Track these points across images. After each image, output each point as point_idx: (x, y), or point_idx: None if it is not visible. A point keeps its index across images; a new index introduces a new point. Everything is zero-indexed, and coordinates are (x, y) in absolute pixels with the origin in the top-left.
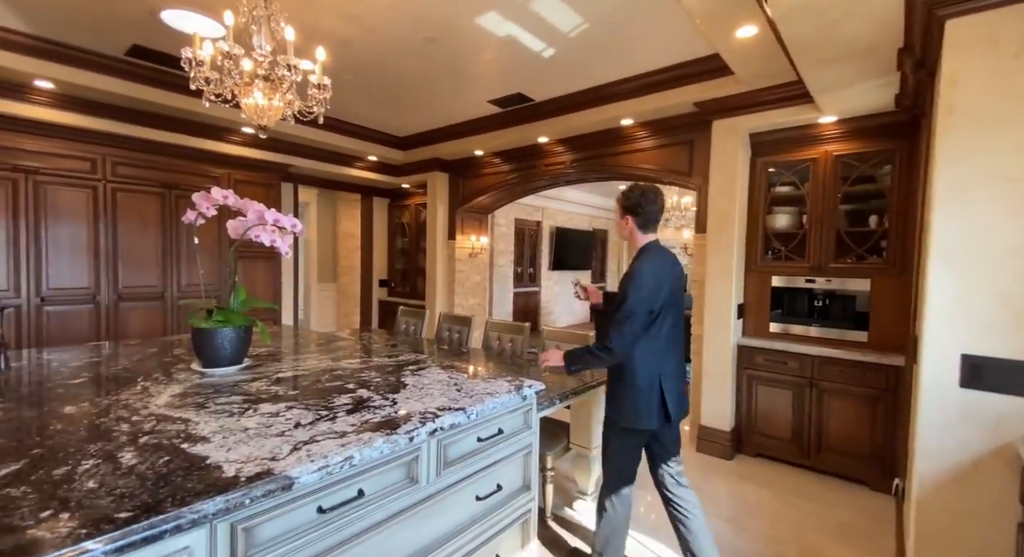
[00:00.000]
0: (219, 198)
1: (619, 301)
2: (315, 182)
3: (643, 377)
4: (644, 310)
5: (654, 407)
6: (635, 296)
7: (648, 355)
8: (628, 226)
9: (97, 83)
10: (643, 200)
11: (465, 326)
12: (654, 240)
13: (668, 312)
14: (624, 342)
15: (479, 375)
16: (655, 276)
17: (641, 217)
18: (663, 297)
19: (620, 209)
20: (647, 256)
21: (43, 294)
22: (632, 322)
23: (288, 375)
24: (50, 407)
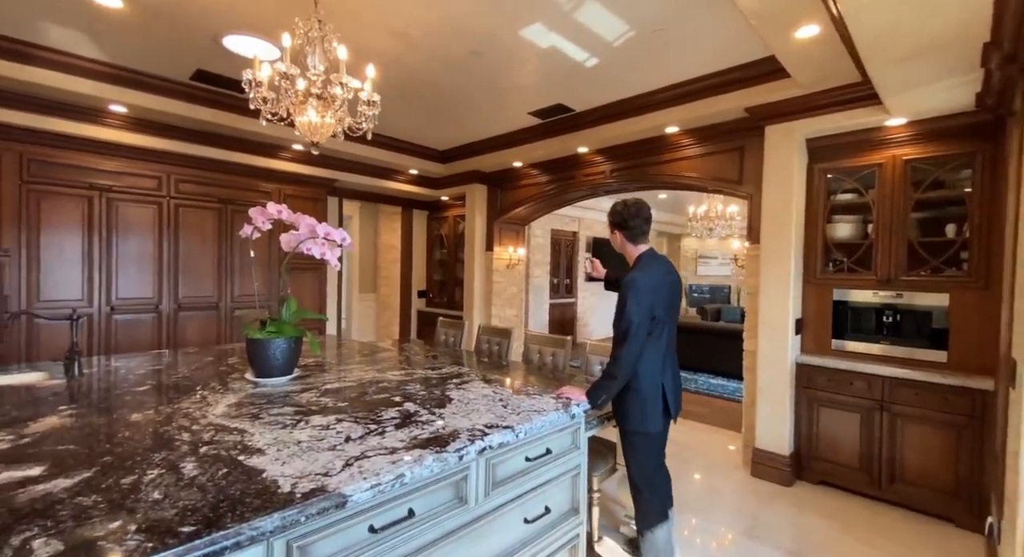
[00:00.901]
0: (274, 212)
1: (619, 312)
2: (358, 196)
3: (647, 382)
4: (645, 319)
5: (659, 409)
6: (635, 307)
7: (651, 361)
8: (619, 240)
9: (164, 106)
10: (627, 214)
11: (505, 338)
12: (648, 249)
13: (667, 319)
14: (632, 353)
15: (523, 391)
16: (651, 285)
17: (628, 230)
18: (663, 303)
19: (609, 225)
20: (642, 266)
21: (113, 304)
22: (636, 333)
23: (336, 386)
24: (118, 414)
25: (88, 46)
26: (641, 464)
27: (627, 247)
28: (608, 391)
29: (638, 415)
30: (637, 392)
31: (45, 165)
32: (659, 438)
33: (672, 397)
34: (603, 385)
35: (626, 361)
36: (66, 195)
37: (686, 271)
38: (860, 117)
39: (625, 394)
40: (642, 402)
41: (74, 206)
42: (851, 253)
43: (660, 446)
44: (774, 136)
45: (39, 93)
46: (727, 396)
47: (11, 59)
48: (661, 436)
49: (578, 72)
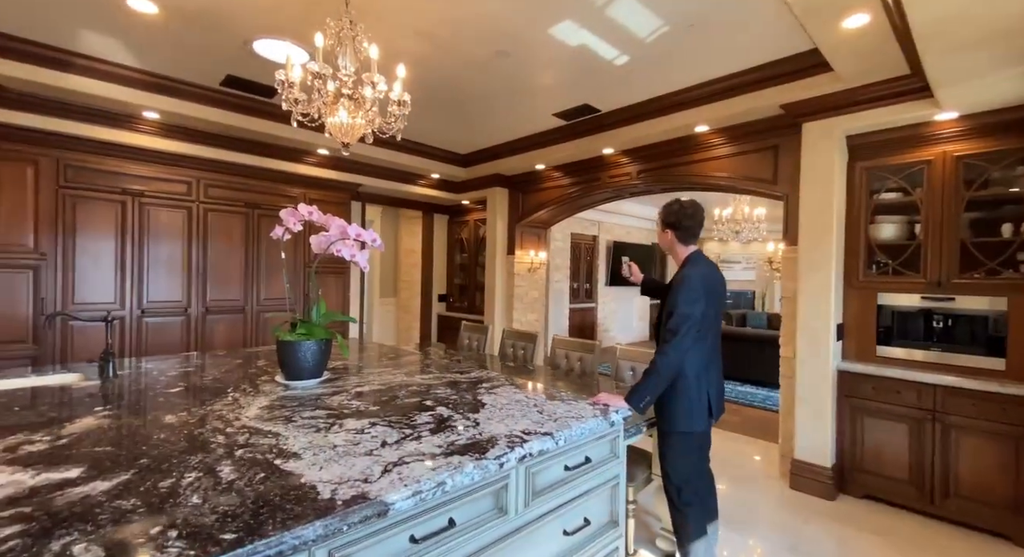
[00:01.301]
0: (305, 214)
1: (672, 307)
2: (381, 200)
3: (693, 381)
4: (699, 313)
5: (703, 409)
6: (689, 303)
7: (696, 361)
8: (668, 239)
9: (195, 112)
10: (683, 214)
11: (530, 343)
12: (697, 250)
13: (714, 320)
14: (680, 349)
15: (556, 396)
16: (706, 282)
17: (682, 230)
18: (712, 304)
19: (661, 223)
20: (696, 263)
21: (143, 306)
22: (689, 326)
23: (367, 389)
24: (153, 416)
25: (123, 53)
26: (681, 466)
27: (676, 247)
28: (652, 390)
29: (682, 415)
30: (682, 392)
31: (81, 170)
32: (702, 438)
33: (716, 397)
34: (647, 384)
35: (673, 357)
36: (100, 200)
37: None
38: (907, 112)
39: (669, 394)
40: (687, 402)
41: (108, 211)
42: (896, 255)
43: (703, 447)
44: (812, 133)
45: (76, 100)
46: (758, 404)
47: (51, 66)
48: (704, 436)
49: (606, 71)
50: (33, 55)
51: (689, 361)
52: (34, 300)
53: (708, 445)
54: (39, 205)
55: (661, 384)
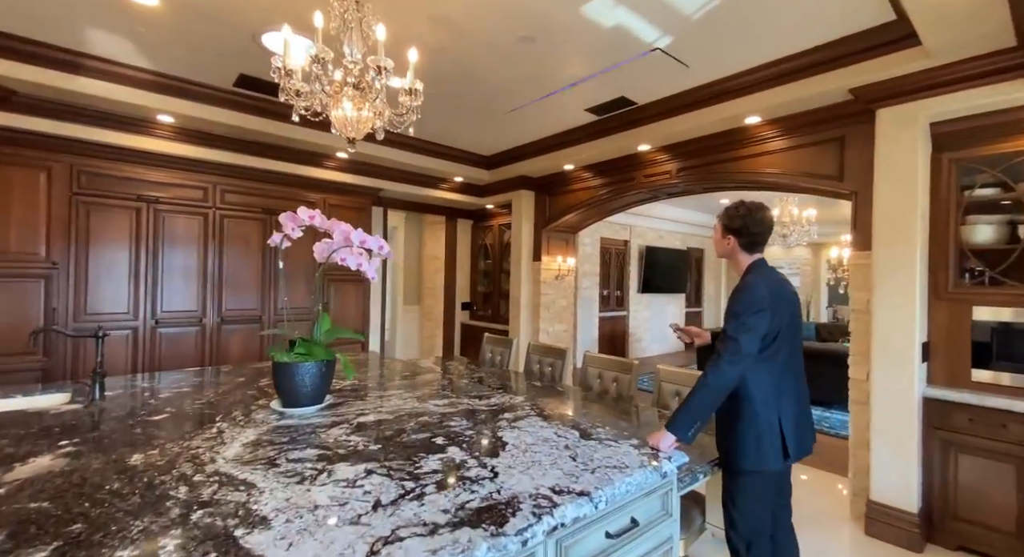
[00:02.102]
0: (305, 218)
1: (729, 316)
2: (403, 205)
3: (761, 407)
4: (761, 324)
5: (776, 443)
6: (751, 307)
7: (764, 382)
8: (730, 246)
9: (209, 115)
10: (749, 221)
11: (559, 359)
12: (762, 258)
13: (787, 336)
14: (738, 360)
15: (592, 433)
16: (772, 291)
17: (747, 237)
18: (782, 317)
19: (721, 228)
20: (760, 269)
21: (157, 317)
22: (747, 337)
23: (371, 419)
24: (119, 454)
25: (131, 53)
26: (751, 514)
27: (738, 255)
28: (701, 411)
29: (749, 449)
30: (746, 420)
31: (95, 177)
32: (777, 480)
33: (792, 429)
34: (694, 403)
35: (728, 370)
36: (115, 207)
37: None
38: (1010, 92)
39: (731, 421)
40: (754, 432)
41: (122, 217)
42: (996, 262)
43: (775, 490)
44: (889, 121)
45: (88, 104)
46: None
47: (60, 69)
48: (779, 477)
49: (646, 56)
50: (41, 57)
51: (755, 382)
52: (45, 310)
53: (788, 490)
54: (52, 212)
55: (711, 403)
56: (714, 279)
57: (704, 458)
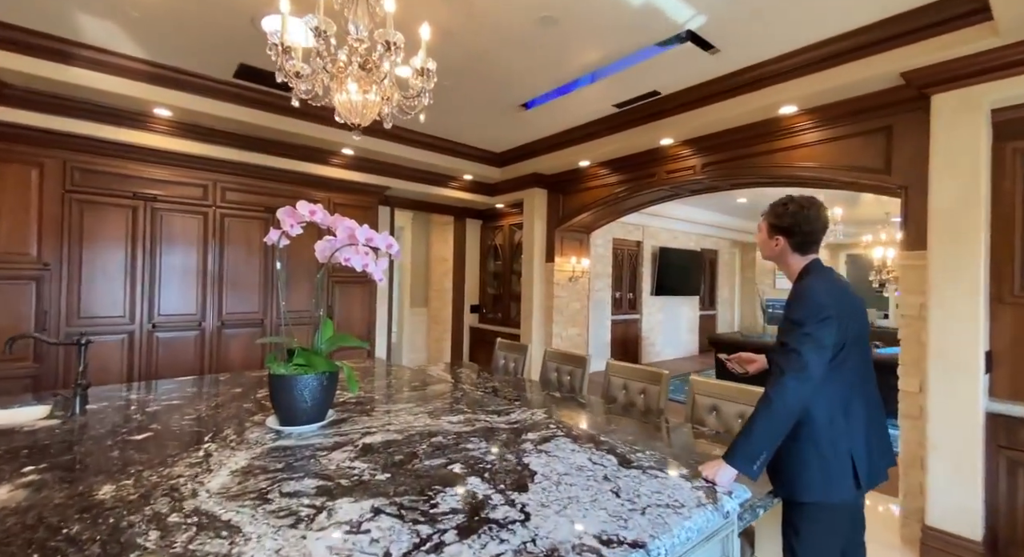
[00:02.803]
0: (306, 214)
1: (788, 326)
2: (410, 205)
3: (825, 428)
4: (827, 334)
5: (846, 469)
6: (814, 316)
7: (830, 398)
8: (779, 247)
9: (209, 108)
10: (800, 218)
11: (579, 367)
12: (817, 259)
13: (855, 345)
14: (805, 377)
15: (632, 458)
16: (835, 296)
17: (799, 237)
18: (849, 325)
19: (768, 227)
20: (818, 272)
21: (155, 321)
22: (813, 350)
23: (377, 440)
24: (87, 485)
25: (125, 41)
26: (816, 548)
27: (788, 258)
28: (768, 439)
29: (813, 477)
30: (808, 443)
31: (89, 173)
32: (849, 513)
33: (864, 452)
34: (758, 431)
35: (795, 390)
36: (110, 205)
37: (763, 285)
38: None
39: (793, 445)
40: (817, 458)
41: (118, 216)
42: None
43: (849, 524)
44: (947, 107)
45: (82, 97)
46: None
47: (51, 58)
48: (848, 510)
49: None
50: (29, 45)
51: (819, 398)
52: (36, 314)
53: (861, 524)
54: (43, 211)
55: (778, 429)
56: (728, 281)
57: (759, 485)
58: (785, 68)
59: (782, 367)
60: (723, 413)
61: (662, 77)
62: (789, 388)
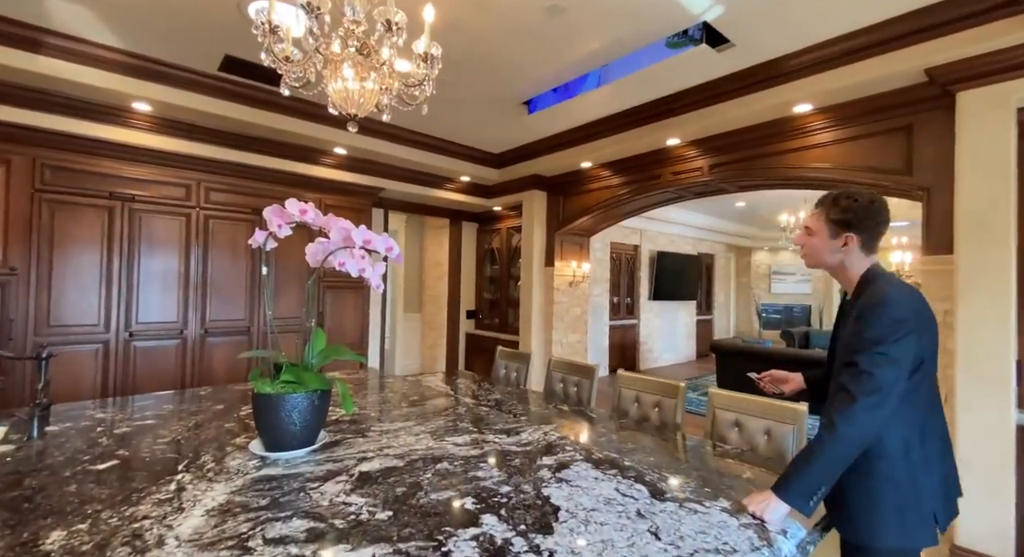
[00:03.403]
0: (295, 213)
1: (859, 345)
2: (405, 207)
3: (901, 462)
4: (906, 354)
5: (926, 510)
6: (894, 332)
7: (907, 427)
8: (848, 247)
9: (192, 103)
10: (872, 211)
11: (587, 378)
12: (878, 262)
13: (930, 365)
14: (879, 403)
15: (664, 490)
16: (915, 307)
17: (867, 232)
18: (927, 342)
19: (830, 225)
20: (890, 278)
21: (132, 329)
22: (891, 372)
23: (376, 467)
24: (33, 531)
25: (101, 28)
26: None
27: (853, 259)
28: (827, 474)
29: (889, 519)
30: (882, 479)
31: (61, 171)
32: None
33: (941, 491)
34: (816, 464)
35: (864, 421)
36: (84, 205)
37: (758, 289)
38: None
39: (857, 482)
40: (893, 496)
41: (93, 217)
42: None
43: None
44: (973, 105)
45: (52, 88)
46: None
47: (21, 47)
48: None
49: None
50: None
51: (893, 426)
52: (1, 322)
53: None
54: (10, 211)
55: (840, 461)
56: (724, 286)
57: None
58: (802, 64)
59: (851, 390)
60: (746, 429)
61: (672, 81)
62: (859, 415)
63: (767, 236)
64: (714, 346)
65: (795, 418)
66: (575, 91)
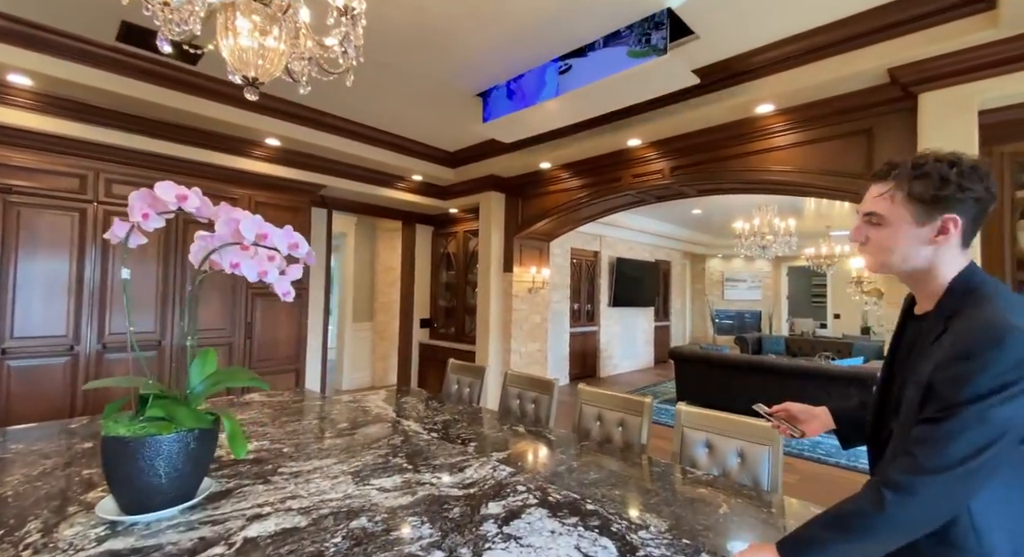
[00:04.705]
0: (170, 199)
1: (950, 391)
2: (352, 208)
3: (1004, 549)
4: (1018, 413)
5: None
6: (1007, 384)
7: (1012, 518)
8: (949, 236)
9: (86, 78)
10: (978, 177)
11: (545, 393)
12: (974, 263)
13: None
14: (958, 479)
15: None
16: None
17: (977, 212)
18: None
19: (914, 205)
20: (1004, 291)
21: (5, 345)
22: (984, 435)
23: (269, 529)
24: None
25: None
26: None
27: (948, 256)
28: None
29: None
30: None
31: None
32: None
33: None
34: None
35: (929, 497)
36: None
37: (712, 296)
38: None
39: None
40: None
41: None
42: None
43: None
44: (935, 107)
45: None
46: (821, 458)
47: None
48: None
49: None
50: None
51: (996, 513)
52: None
53: None
54: None
55: (884, 548)
56: (680, 293)
57: None
58: (765, 62)
59: (916, 454)
60: (718, 450)
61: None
62: (921, 491)
63: (721, 243)
64: (673, 353)
65: (771, 438)
66: (532, 99)
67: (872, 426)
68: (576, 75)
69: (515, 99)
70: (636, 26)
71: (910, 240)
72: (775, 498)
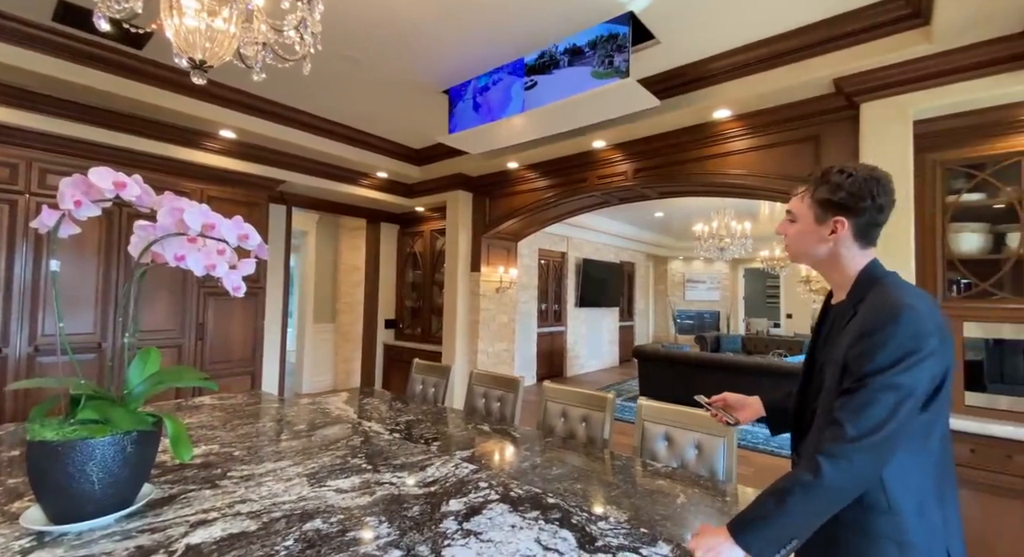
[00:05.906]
0: (106, 186)
1: (862, 367)
2: (314, 204)
3: (913, 520)
4: (922, 380)
5: None
6: (912, 351)
7: (920, 481)
8: (837, 235)
9: (16, 59)
10: (874, 189)
11: (511, 391)
12: (877, 259)
13: (946, 396)
14: (881, 443)
15: (592, 531)
16: (938, 321)
17: (866, 217)
18: (947, 363)
19: (816, 207)
20: (900, 281)
21: None
22: (899, 403)
23: (214, 535)
24: None
25: None
26: None
27: (848, 250)
28: (801, 522)
29: None
30: (894, 544)
31: None
32: None
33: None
34: (790, 510)
35: (861, 464)
36: None
37: (674, 296)
38: (1011, 85)
39: (859, 543)
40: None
41: None
42: (986, 273)
43: None
44: (876, 116)
45: None
46: (774, 450)
47: None
48: None
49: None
50: None
51: (901, 477)
52: None
53: None
54: None
55: (826, 511)
56: (644, 294)
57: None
58: (722, 68)
59: (846, 423)
60: (676, 443)
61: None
62: (855, 456)
63: (682, 246)
64: (636, 352)
65: (724, 430)
66: (498, 114)
67: (795, 411)
68: (541, 92)
69: (481, 112)
70: (600, 46)
71: (812, 236)
72: (729, 487)
